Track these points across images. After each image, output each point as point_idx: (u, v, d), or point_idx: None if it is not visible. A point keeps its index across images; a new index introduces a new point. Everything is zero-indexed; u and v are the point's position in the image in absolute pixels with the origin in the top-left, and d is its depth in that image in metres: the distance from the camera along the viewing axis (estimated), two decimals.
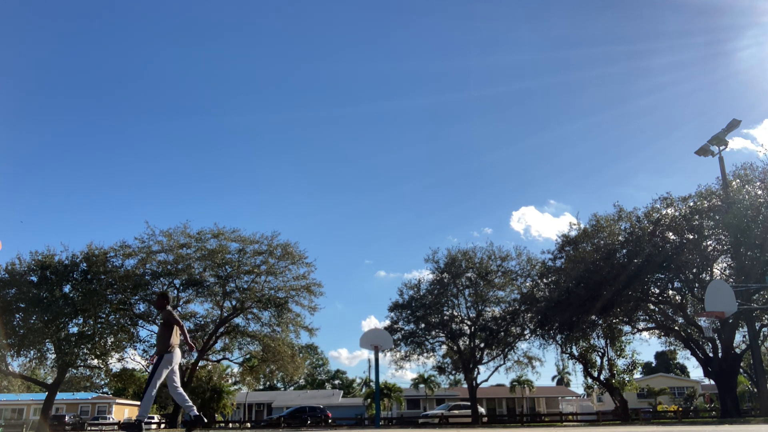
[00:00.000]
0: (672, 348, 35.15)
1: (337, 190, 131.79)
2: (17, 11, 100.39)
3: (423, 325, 36.89)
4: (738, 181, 24.71)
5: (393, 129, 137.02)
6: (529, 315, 33.91)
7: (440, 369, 38.36)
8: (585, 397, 67.00)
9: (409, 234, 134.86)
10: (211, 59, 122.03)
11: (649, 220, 26.65)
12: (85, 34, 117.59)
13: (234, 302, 31.75)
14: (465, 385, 40.54)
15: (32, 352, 28.45)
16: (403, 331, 37.37)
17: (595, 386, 36.58)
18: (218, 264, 30.95)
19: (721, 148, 24.71)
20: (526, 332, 35.62)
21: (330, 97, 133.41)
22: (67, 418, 46.02)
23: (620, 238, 27.33)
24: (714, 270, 26.06)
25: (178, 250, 31.02)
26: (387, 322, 38.26)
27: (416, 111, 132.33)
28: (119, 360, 31.53)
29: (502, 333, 35.58)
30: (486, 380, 40.65)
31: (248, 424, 45.71)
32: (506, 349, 36.67)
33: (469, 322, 36.89)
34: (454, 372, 39.13)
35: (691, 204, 25.63)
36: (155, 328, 32.47)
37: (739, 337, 28.56)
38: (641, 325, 30.69)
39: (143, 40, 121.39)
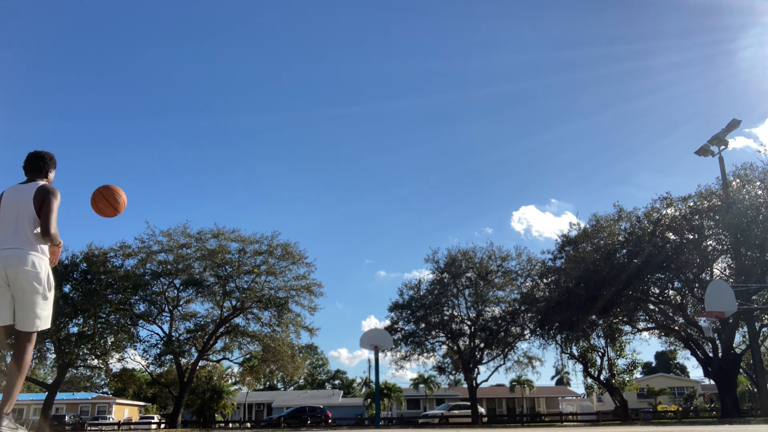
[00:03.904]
0: (672, 348, 35.15)
1: (337, 190, 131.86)
2: (17, 9, 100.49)
3: (423, 325, 36.89)
4: (738, 181, 24.72)
5: (393, 129, 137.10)
6: (529, 315, 33.92)
7: (440, 369, 38.36)
8: (585, 397, 66.96)
9: (409, 234, 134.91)
10: (212, 59, 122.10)
11: (649, 220, 26.66)
12: (86, 32, 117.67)
13: (234, 302, 31.74)
14: (465, 385, 40.54)
15: (32, 352, 28.43)
16: (403, 331, 37.38)
17: (595, 386, 36.57)
18: (218, 264, 30.96)
19: (721, 148, 24.74)
20: (526, 332, 35.63)
21: (330, 97, 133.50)
22: (67, 418, 46.03)
23: (620, 238, 27.34)
24: (714, 270, 26.05)
25: (178, 250, 31.03)
26: (387, 322, 38.30)
27: (416, 111, 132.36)
28: (119, 360, 31.57)
29: (502, 333, 35.58)
30: (486, 380, 40.67)
31: (248, 424, 45.74)
32: (506, 349, 36.68)
33: (469, 322, 36.90)
34: (454, 372, 39.13)
35: (691, 204, 25.63)
36: (155, 328, 32.50)
37: (739, 337, 28.55)
38: (641, 325, 30.70)
39: (143, 39, 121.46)
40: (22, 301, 4.11)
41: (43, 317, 4.22)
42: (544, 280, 32.74)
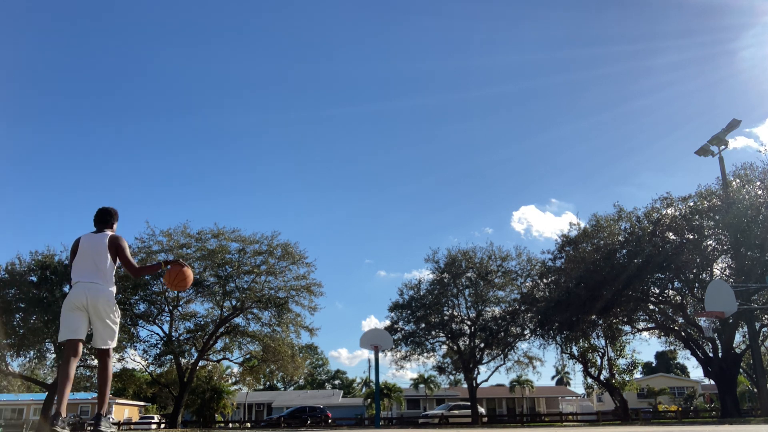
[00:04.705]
0: (672, 348, 35.14)
1: (337, 190, 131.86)
2: (16, 10, 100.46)
3: (423, 325, 36.90)
4: (738, 181, 24.72)
5: (393, 129, 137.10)
6: (529, 315, 33.92)
7: (440, 369, 38.37)
8: (585, 397, 67.03)
9: (409, 234, 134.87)
10: (211, 59, 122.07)
11: (649, 220, 26.65)
12: (85, 33, 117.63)
13: (234, 302, 31.76)
14: (465, 385, 40.55)
15: (32, 352, 28.46)
16: (403, 331, 37.38)
17: (595, 386, 36.57)
18: (218, 264, 30.96)
19: (721, 148, 24.74)
20: (526, 332, 35.63)
21: (330, 97, 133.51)
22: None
23: (620, 238, 27.33)
24: (714, 270, 26.03)
25: (178, 250, 31.01)
26: (387, 322, 38.31)
27: (416, 111, 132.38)
28: (119, 360, 31.57)
29: (502, 333, 35.59)
30: (486, 380, 40.84)
31: (248, 424, 45.71)
32: (506, 349, 36.68)
33: (469, 322, 36.90)
34: (454, 372, 39.14)
35: (691, 204, 25.62)
36: (155, 328, 32.49)
37: (739, 337, 28.57)
38: (641, 325, 30.69)
39: (142, 40, 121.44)
40: (98, 326, 5.25)
41: (113, 337, 5.38)
42: (544, 280, 32.73)
